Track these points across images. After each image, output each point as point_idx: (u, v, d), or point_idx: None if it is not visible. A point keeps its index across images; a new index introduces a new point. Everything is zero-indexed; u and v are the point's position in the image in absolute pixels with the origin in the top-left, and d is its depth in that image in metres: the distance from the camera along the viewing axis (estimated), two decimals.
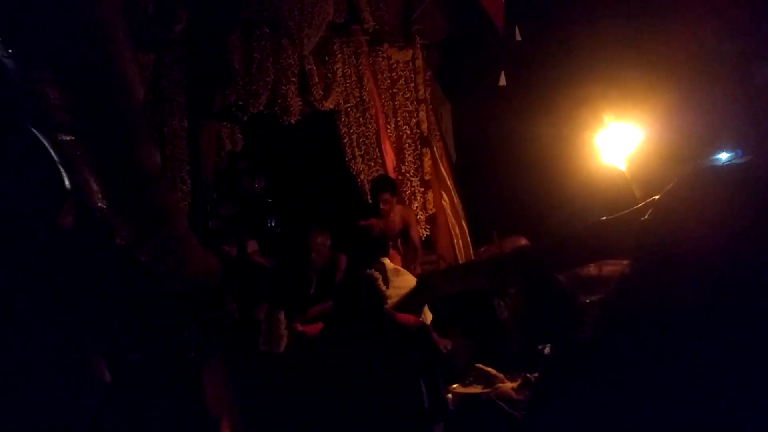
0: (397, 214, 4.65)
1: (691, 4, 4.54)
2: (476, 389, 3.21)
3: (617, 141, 3.62)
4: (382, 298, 2.49)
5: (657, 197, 2.57)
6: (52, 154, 1.57)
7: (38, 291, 1.80)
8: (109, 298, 2.05)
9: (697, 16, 4.56)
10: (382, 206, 4.51)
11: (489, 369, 3.32)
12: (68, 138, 1.39)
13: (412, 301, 3.59)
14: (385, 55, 5.05)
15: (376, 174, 4.88)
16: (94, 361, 1.86)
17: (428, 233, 5.01)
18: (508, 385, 3.13)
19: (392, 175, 4.92)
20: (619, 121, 3.61)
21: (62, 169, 1.66)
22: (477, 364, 3.41)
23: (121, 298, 2.47)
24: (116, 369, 2.05)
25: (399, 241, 4.73)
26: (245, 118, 4.54)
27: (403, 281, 3.98)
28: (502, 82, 4.83)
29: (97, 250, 2.04)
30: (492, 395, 3.08)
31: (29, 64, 1.20)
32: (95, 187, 1.64)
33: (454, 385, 3.32)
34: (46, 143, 1.51)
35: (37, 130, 1.37)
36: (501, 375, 3.25)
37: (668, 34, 4.61)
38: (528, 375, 3.07)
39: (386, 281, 3.33)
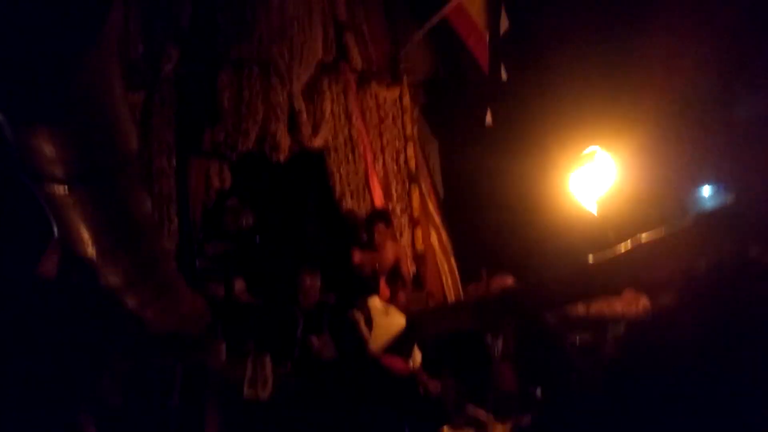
0: (390, 249, 4.66)
1: (671, 40, 4.69)
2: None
3: (591, 182, 3.68)
4: (364, 341, 2.47)
5: (644, 238, 2.60)
6: (43, 204, 1.55)
7: (21, 343, 1.75)
8: (94, 347, 2.00)
9: (677, 52, 4.70)
10: (376, 237, 4.52)
11: (479, 411, 3.29)
12: (61, 188, 1.38)
13: (401, 340, 3.57)
14: (373, 94, 5.13)
15: (365, 211, 4.89)
16: (83, 419, 1.80)
17: (417, 270, 5.00)
18: (499, 429, 3.11)
19: None
20: (598, 158, 3.68)
21: (51, 218, 1.64)
22: (468, 405, 3.38)
23: (106, 345, 2.42)
24: (103, 423, 1.99)
25: (387, 277, 4.72)
26: (234, 156, 4.55)
27: (393, 320, 3.96)
28: (489, 120, 4.92)
29: (82, 297, 2.01)
30: None
31: (22, 118, 1.20)
32: (85, 236, 1.62)
33: (444, 428, 3.28)
34: (36, 194, 1.50)
35: (28, 181, 1.36)
36: (492, 417, 3.22)
37: (649, 70, 4.74)
38: (519, 418, 3.05)
39: (370, 322, 3.30)
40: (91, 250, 1.74)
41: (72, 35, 1.03)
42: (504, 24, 4.87)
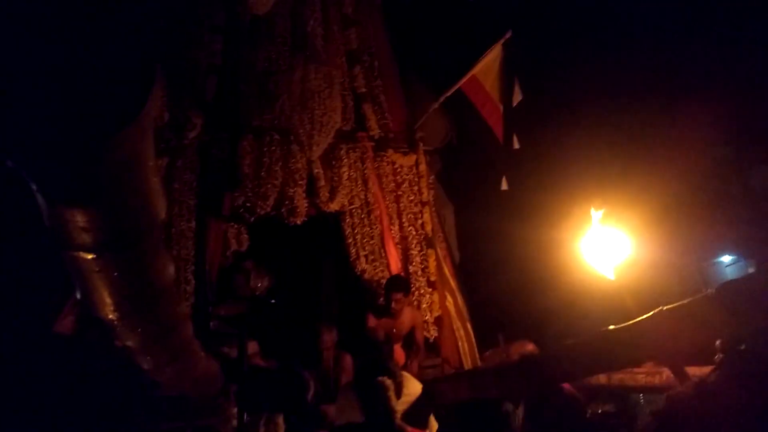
0: (407, 315, 4.62)
1: (685, 112, 4.78)
2: None
3: (607, 249, 3.67)
4: (394, 411, 2.41)
5: (666, 308, 2.56)
6: (67, 268, 1.59)
7: (37, 397, 1.75)
8: (111, 407, 1.99)
9: (691, 124, 4.78)
10: (393, 305, 4.50)
11: None
12: (88, 255, 1.42)
13: (418, 408, 3.47)
14: (390, 160, 5.24)
15: (380, 274, 4.89)
16: None
17: (436, 335, 4.94)
18: None
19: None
20: (611, 226, 3.69)
21: (74, 282, 1.67)
22: None
23: (119, 404, 2.40)
24: None
25: (403, 344, 4.67)
26: (252, 219, 4.63)
27: (410, 388, 3.88)
28: (504, 186, 4.98)
29: (98, 357, 2.02)
30: None
31: (58, 196, 1.25)
32: (108, 300, 1.65)
33: None
34: (62, 258, 1.53)
35: (57, 249, 1.40)
36: None
37: (663, 142, 4.81)
38: None
39: (399, 391, 3.24)
40: (111, 314, 1.76)
41: (114, 114, 1.08)
42: (517, 95, 5.01)
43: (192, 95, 4.70)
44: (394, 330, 4.52)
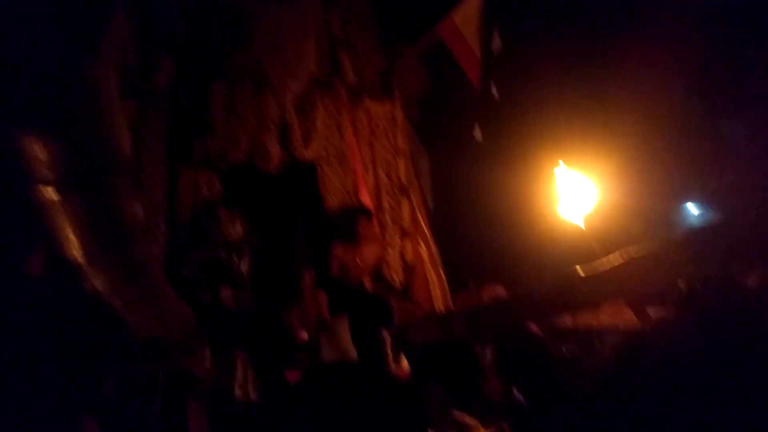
0: (373, 249, 4.69)
1: (657, 58, 4.79)
2: None
3: (575, 197, 3.74)
4: (388, 363, 2.46)
5: (633, 250, 2.63)
6: (28, 205, 1.56)
7: (18, 344, 1.75)
8: (83, 349, 2.00)
9: (664, 70, 4.81)
10: (359, 231, 4.55)
11: (465, 417, 3.28)
12: (49, 191, 1.39)
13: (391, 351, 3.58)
14: (365, 108, 5.17)
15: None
16: (86, 423, 1.80)
17: (405, 282, 5.02)
18: None
19: None
20: (579, 175, 3.74)
21: (38, 221, 1.65)
22: (453, 410, 3.38)
23: (92, 347, 2.41)
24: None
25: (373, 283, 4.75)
26: (224, 166, 4.57)
27: None
28: (478, 136, 4.98)
29: (67, 298, 2.01)
30: None
31: (17, 125, 1.22)
32: (73, 239, 1.63)
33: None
34: (22, 195, 1.50)
35: (14, 183, 1.37)
36: (476, 422, 3.21)
37: (635, 89, 4.84)
38: (502, 424, 3.04)
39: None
40: (77, 254, 1.74)
41: (72, 43, 1.05)
42: (496, 44, 4.96)
43: (161, 38, 4.54)
44: (359, 262, 4.58)
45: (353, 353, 3.37)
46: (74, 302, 1.89)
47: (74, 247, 1.63)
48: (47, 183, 1.33)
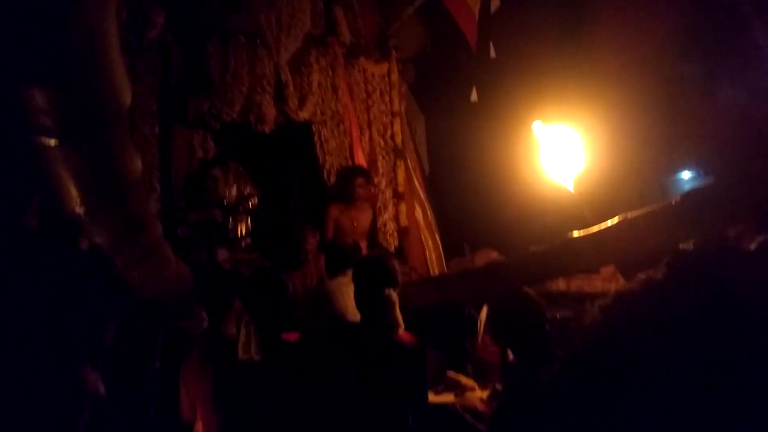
0: (368, 210, 4.73)
1: (654, 22, 4.73)
2: (447, 397, 3.22)
3: (568, 158, 3.73)
4: (399, 326, 2.46)
5: (630, 215, 2.63)
6: (29, 157, 1.53)
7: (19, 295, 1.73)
8: (83, 300, 1.99)
9: (661, 36, 4.75)
10: (356, 191, 4.56)
11: (460, 377, 3.34)
12: (50, 141, 1.36)
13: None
14: (361, 68, 5.09)
15: None
16: (87, 373, 1.80)
17: (400, 245, 5.04)
18: (477, 395, 3.15)
19: None
20: (570, 138, 3.72)
21: (38, 172, 1.62)
22: (449, 372, 3.44)
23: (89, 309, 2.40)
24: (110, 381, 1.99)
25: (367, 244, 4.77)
26: (218, 126, 4.51)
27: None
28: (474, 97, 4.93)
29: (67, 252, 1.99)
30: (458, 406, 3.10)
31: (15, 64, 1.18)
32: (74, 192, 1.61)
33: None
34: (23, 146, 1.47)
35: (15, 132, 1.34)
36: (472, 383, 3.27)
37: (632, 54, 4.78)
38: (497, 386, 3.10)
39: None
40: (78, 208, 1.72)
41: None
42: (495, 3, 4.86)
43: None
44: (355, 223, 4.61)
45: (352, 314, 3.40)
46: (74, 256, 1.87)
47: (75, 201, 1.61)
48: (49, 133, 1.30)
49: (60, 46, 1.19)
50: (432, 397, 3.26)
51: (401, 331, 2.47)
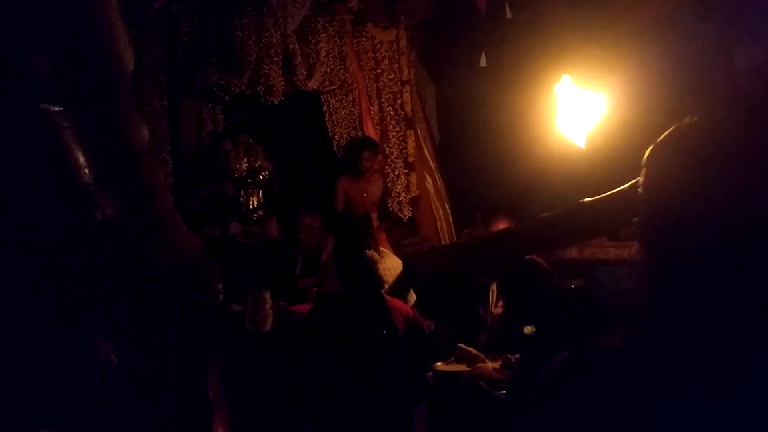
0: (378, 181, 4.72)
1: None
2: (459, 367, 3.24)
3: (579, 116, 3.64)
4: (381, 282, 2.49)
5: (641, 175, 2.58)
6: (38, 125, 1.53)
7: (33, 268, 1.76)
8: (97, 272, 2.01)
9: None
10: (364, 164, 4.55)
11: (471, 349, 3.35)
12: (56, 108, 1.35)
13: (398, 283, 3.61)
14: (369, 36, 5.01)
15: None
16: (98, 344, 1.83)
17: (411, 215, 5.03)
18: (489, 365, 3.17)
19: None
20: (584, 92, 3.62)
21: (49, 145, 1.62)
22: (459, 344, 3.45)
23: (106, 272, 2.42)
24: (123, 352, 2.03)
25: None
26: (227, 97, 4.48)
27: (389, 263, 4.00)
28: (483, 63, 4.84)
29: (81, 223, 2.00)
30: (472, 374, 3.11)
31: (19, 31, 1.16)
32: (82, 160, 1.60)
33: (437, 364, 3.35)
34: (31, 114, 1.47)
35: (22, 99, 1.33)
36: (482, 355, 3.28)
37: (646, 11, 4.65)
38: (509, 356, 3.10)
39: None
40: (87, 177, 1.72)
41: None
42: None
43: None
44: (365, 194, 4.61)
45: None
46: (87, 227, 1.88)
47: (83, 168, 1.60)
48: (53, 100, 1.29)
49: (61, 9, 1.18)
50: (444, 367, 3.28)
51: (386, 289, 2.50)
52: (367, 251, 2.59)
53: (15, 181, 1.87)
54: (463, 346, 3.42)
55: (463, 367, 3.23)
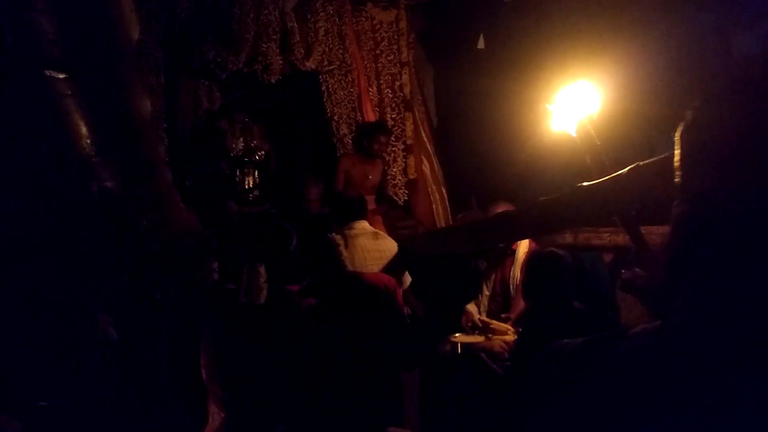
0: (380, 165, 4.73)
1: None
2: (478, 338, 3.29)
3: (573, 104, 3.64)
4: (343, 263, 2.53)
5: (642, 164, 2.61)
6: (43, 99, 1.51)
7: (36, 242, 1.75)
8: (97, 247, 2.00)
9: None
10: (376, 147, 4.56)
11: (492, 321, 3.40)
12: (60, 75, 1.33)
13: (394, 265, 3.63)
14: (369, 15, 4.96)
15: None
16: (99, 318, 1.83)
17: (407, 198, 5.03)
18: (499, 340, 3.20)
19: None
20: (581, 81, 3.62)
21: (50, 114, 1.60)
22: (481, 317, 3.51)
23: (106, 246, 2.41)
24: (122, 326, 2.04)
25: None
26: (224, 75, 4.43)
27: (384, 245, 4.00)
28: (481, 44, 4.81)
29: (79, 196, 1.98)
30: (481, 346, 3.16)
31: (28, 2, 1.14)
32: (84, 131, 1.59)
33: (457, 335, 3.40)
34: (39, 87, 1.45)
35: (28, 65, 1.31)
36: (505, 326, 3.31)
37: (648, 2, 4.63)
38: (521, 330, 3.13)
39: (347, 242, 3.35)
40: (88, 148, 1.70)
41: None
42: None
43: None
44: (369, 176, 4.62)
45: (359, 265, 3.43)
46: (86, 200, 1.87)
47: (85, 139, 1.59)
48: (58, 66, 1.27)
49: None
50: (463, 338, 3.33)
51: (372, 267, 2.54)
52: (332, 234, 2.63)
53: (13, 152, 1.85)
54: (484, 318, 3.48)
55: (482, 339, 3.27)
